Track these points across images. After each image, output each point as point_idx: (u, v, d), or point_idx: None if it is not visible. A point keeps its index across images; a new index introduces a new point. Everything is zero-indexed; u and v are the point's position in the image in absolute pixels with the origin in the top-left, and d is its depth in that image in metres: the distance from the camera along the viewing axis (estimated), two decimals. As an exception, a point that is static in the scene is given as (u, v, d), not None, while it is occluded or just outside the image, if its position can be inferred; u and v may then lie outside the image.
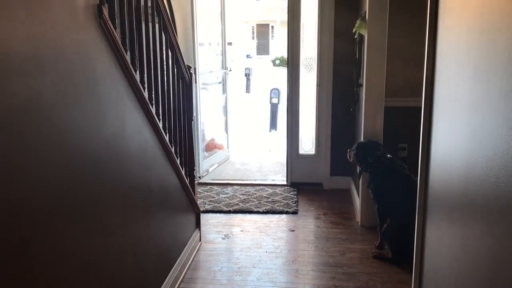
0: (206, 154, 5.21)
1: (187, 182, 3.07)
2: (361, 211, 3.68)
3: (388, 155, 3.26)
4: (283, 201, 4.26)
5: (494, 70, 1.18)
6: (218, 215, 3.97)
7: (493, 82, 1.19)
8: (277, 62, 23.13)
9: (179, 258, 2.85)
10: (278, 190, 4.58)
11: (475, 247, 1.34)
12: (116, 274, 1.94)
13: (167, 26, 2.71)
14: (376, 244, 3.26)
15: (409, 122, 3.61)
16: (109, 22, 1.82)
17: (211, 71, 5.22)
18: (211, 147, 5.49)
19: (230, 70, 5.81)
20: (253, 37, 30.77)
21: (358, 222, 3.75)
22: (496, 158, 1.15)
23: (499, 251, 1.14)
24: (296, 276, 2.94)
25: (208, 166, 5.18)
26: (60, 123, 1.48)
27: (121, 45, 1.94)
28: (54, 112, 1.44)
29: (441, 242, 1.75)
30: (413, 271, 2.10)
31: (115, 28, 1.89)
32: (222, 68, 5.50)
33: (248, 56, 26.65)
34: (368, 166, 3.28)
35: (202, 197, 4.30)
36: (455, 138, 1.55)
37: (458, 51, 1.54)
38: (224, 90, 5.62)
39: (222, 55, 5.47)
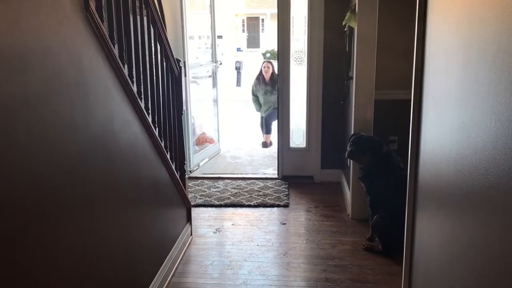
0: (197, 148, 5.19)
1: (178, 176, 3.06)
2: (352, 204, 3.70)
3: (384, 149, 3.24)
4: (274, 194, 4.26)
5: (483, 62, 1.18)
6: (209, 209, 3.96)
7: (482, 74, 1.19)
8: (268, 55, 23.06)
9: (170, 252, 2.84)
10: (269, 183, 4.58)
11: (465, 238, 1.35)
12: (107, 269, 1.92)
13: (156, 19, 2.68)
14: (367, 237, 3.28)
15: (399, 114, 3.61)
16: (96, 15, 1.79)
17: (200, 65, 5.18)
18: (201, 141, 5.47)
19: (221, 64, 5.77)
20: (243, 30, 30.61)
21: (349, 214, 3.77)
22: (485, 150, 1.16)
23: (489, 240, 1.15)
24: (287, 269, 2.95)
25: (199, 160, 5.17)
26: (47, 118, 1.46)
27: (108, 38, 1.92)
28: (41, 107, 1.42)
29: (431, 234, 1.76)
30: (403, 262, 2.11)
31: (102, 21, 1.87)
32: (212, 61, 5.46)
33: (238, 50, 26.51)
34: (372, 165, 3.21)
35: (193, 191, 4.29)
36: (444, 130, 1.56)
37: (447, 43, 1.54)
38: (214, 84, 5.59)
39: (212, 48, 5.43)
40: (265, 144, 6.53)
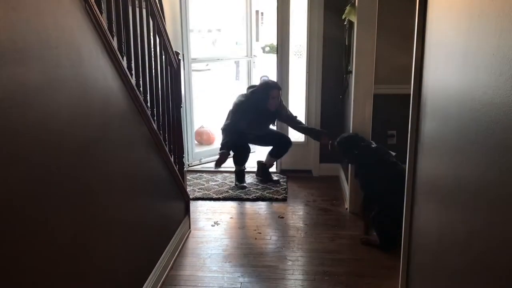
0: (196, 142, 5.17)
1: (176, 169, 3.06)
2: (350, 198, 3.70)
3: (373, 145, 3.30)
4: (273, 188, 4.27)
5: (483, 56, 1.17)
6: (207, 202, 3.96)
7: (482, 68, 1.19)
8: (267, 49, 22.99)
9: (168, 245, 2.85)
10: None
11: (463, 232, 1.35)
12: (105, 261, 1.93)
13: (155, 11, 2.67)
14: (363, 230, 3.29)
15: (398, 109, 3.61)
16: (95, 6, 1.78)
17: (205, 63, 5.13)
18: (201, 135, 5.45)
19: (255, 56, 5.40)
20: (242, 24, 30.44)
21: (347, 208, 3.78)
22: (484, 145, 1.16)
23: (487, 233, 1.15)
24: (285, 262, 2.96)
25: (201, 156, 5.13)
26: (46, 110, 1.45)
27: (107, 30, 1.91)
28: (39, 99, 1.41)
29: (429, 228, 1.76)
30: (401, 256, 2.12)
31: (101, 12, 1.86)
32: (247, 56, 5.34)
33: (237, 43, 26.35)
34: (354, 158, 3.33)
35: (191, 185, 4.29)
36: (443, 124, 1.56)
37: (447, 37, 1.54)
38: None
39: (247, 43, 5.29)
40: (242, 182, 4.33)
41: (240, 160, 4.32)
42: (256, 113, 4.13)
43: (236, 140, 4.16)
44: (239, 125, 4.13)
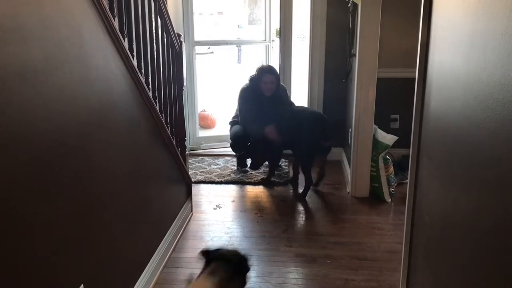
0: (199, 126, 5.17)
1: (178, 152, 3.05)
2: (352, 182, 3.70)
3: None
4: (275, 172, 4.26)
5: (491, 36, 1.15)
6: (209, 185, 3.97)
7: (490, 49, 1.16)
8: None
9: (170, 228, 2.86)
10: (269, 161, 4.56)
11: (467, 213, 1.35)
12: (106, 244, 1.93)
13: (156, -8, 2.63)
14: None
15: (401, 93, 3.60)
16: (96, -14, 1.75)
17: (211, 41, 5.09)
18: (205, 119, 5.44)
19: (273, 41, 5.02)
20: (244, 7, 30.16)
21: (348, 192, 3.78)
22: (491, 127, 1.14)
23: (490, 215, 1.15)
24: (287, 245, 2.97)
25: (201, 139, 5.13)
26: (47, 91, 1.44)
27: (108, 10, 1.88)
28: (41, 80, 1.40)
29: (432, 214, 1.76)
30: (403, 240, 2.12)
31: (102, -8, 1.83)
32: (265, 40, 5.32)
33: (239, 26, 26.13)
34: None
35: (193, 168, 4.29)
36: (449, 107, 1.54)
37: (454, 18, 1.51)
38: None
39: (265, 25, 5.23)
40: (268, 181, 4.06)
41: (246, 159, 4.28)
42: (258, 101, 3.93)
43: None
44: (249, 119, 3.98)
